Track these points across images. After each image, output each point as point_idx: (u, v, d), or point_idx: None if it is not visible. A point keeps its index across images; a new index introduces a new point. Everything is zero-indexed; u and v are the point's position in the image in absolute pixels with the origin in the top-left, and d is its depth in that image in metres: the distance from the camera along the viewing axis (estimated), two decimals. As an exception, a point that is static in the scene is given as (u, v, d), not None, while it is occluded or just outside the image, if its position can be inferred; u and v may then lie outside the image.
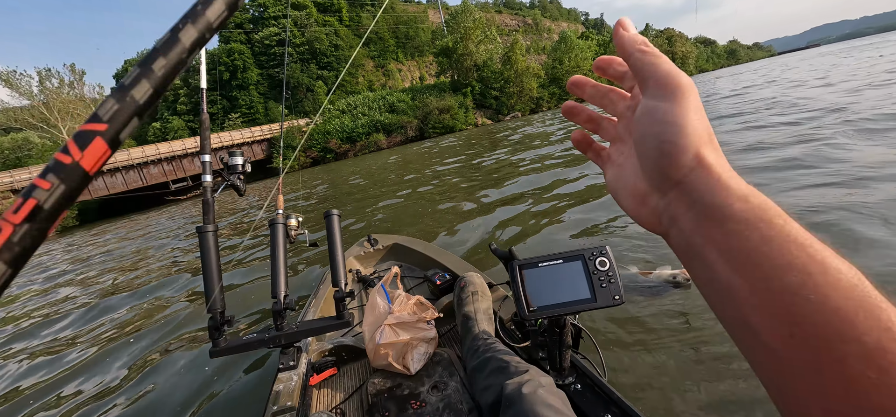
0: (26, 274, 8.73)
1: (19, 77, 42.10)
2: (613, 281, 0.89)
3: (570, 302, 0.89)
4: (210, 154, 1.28)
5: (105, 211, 32.98)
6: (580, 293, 0.89)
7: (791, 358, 0.20)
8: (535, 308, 0.89)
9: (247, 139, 34.10)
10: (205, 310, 1.21)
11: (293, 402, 1.17)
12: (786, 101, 8.13)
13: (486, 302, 1.28)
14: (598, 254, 0.91)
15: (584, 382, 1.05)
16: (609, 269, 0.89)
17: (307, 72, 45.43)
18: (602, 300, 0.88)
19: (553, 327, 1.00)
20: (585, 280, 0.89)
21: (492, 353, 1.05)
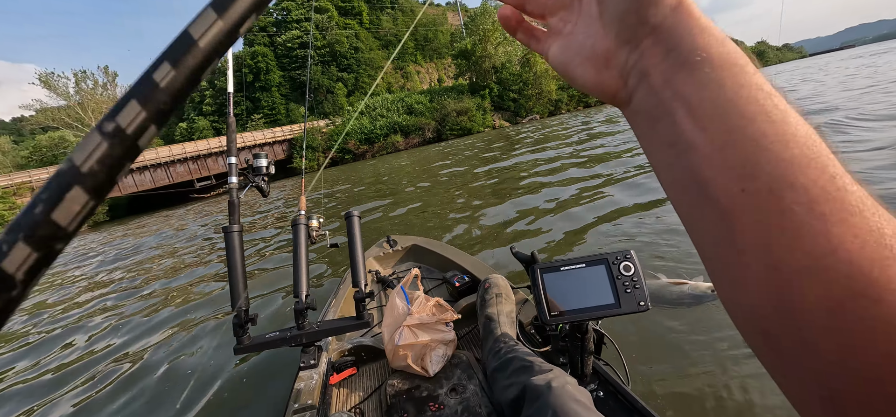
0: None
1: (57, 79, 44.37)
2: (638, 287, 0.86)
3: (593, 307, 0.87)
4: (236, 156, 1.31)
5: (134, 207, 34.39)
6: (603, 298, 0.87)
7: (739, 215, 0.19)
8: (556, 312, 0.88)
9: (268, 139, 34.93)
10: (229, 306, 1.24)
11: (314, 401, 1.19)
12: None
13: (510, 305, 1.27)
14: (623, 259, 0.89)
15: (607, 389, 1.03)
16: (634, 274, 0.87)
17: (327, 74, 46.22)
18: (626, 306, 0.86)
19: (575, 332, 0.99)
20: (609, 285, 0.88)
21: (515, 354, 1.04)
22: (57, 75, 45.27)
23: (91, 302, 4.92)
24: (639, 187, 4.42)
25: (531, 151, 10.29)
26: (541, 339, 1.27)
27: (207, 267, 5.39)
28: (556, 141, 11.68)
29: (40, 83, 43.38)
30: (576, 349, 1.01)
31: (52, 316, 4.62)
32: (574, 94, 43.98)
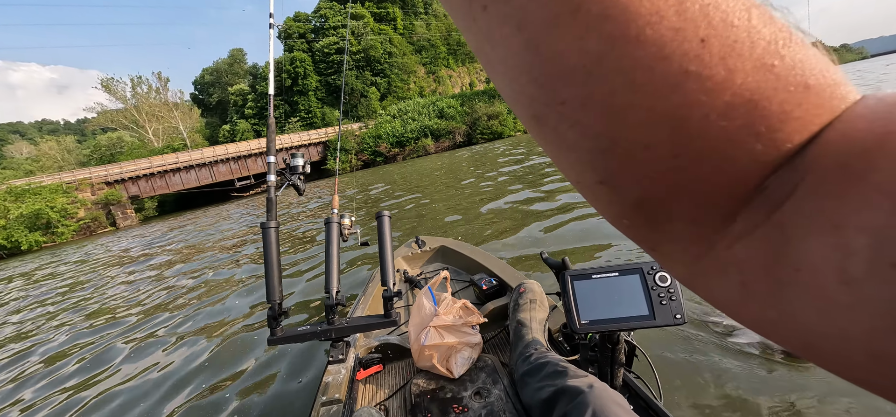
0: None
1: (116, 83, 48.22)
2: (675, 299, 0.83)
3: (625, 318, 0.84)
4: (275, 155, 1.37)
5: (180, 203, 36.70)
6: (637, 309, 0.84)
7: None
8: (586, 321, 0.86)
9: (304, 141, 36.27)
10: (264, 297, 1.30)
11: (341, 395, 1.22)
12: None
13: (543, 313, 1.24)
14: (659, 269, 0.85)
15: (638, 404, 0.99)
16: (670, 285, 0.84)
17: (361, 79, 47.45)
18: (661, 318, 0.82)
19: (605, 342, 0.96)
20: (643, 295, 0.84)
21: (548, 360, 1.02)
22: (116, 80, 49.31)
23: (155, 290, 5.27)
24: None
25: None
26: (569, 348, 1.24)
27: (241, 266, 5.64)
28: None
29: (102, 87, 47.32)
30: (606, 359, 0.98)
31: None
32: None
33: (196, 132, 49.63)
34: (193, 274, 5.60)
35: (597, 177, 0.17)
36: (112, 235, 20.92)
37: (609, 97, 0.14)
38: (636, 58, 0.13)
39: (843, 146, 0.13)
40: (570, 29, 0.14)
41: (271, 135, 1.41)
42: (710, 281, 0.17)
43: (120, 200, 28.04)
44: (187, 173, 31.37)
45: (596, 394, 0.77)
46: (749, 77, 0.13)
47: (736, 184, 0.15)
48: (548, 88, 0.15)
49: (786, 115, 0.14)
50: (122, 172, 28.90)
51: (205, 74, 56.42)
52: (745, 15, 0.14)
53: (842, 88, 0.15)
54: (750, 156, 0.14)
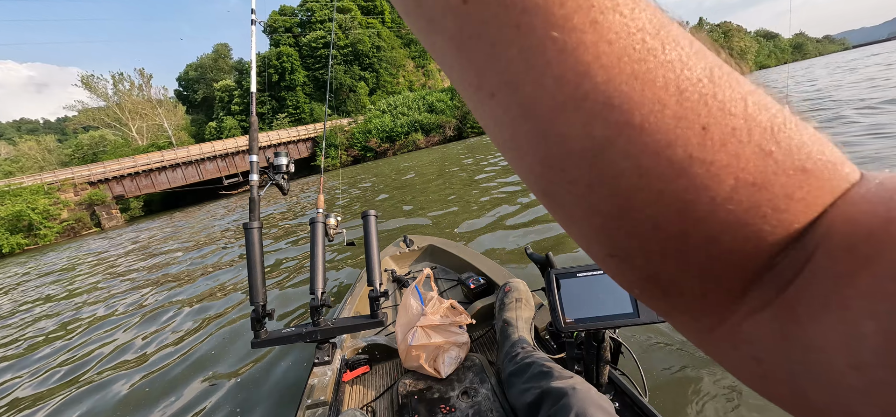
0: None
1: (97, 80, 46.91)
2: None
3: (610, 316, 0.84)
4: (257, 154, 1.34)
5: (167, 202, 36.04)
6: (621, 307, 0.84)
7: (468, 37, 0.15)
8: (571, 320, 0.85)
9: (293, 138, 35.82)
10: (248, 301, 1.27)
11: (326, 397, 1.20)
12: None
13: (529, 312, 1.24)
14: None
15: (623, 401, 0.99)
16: None
17: (350, 73, 46.93)
18: (645, 316, 0.82)
19: (591, 340, 0.96)
20: (628, 293, 0.84)
21: (534, 360, 1.02)
22: (97, 77, 48.00)
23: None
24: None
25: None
26: (556, 345, 1.24)
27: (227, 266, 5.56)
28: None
29: (82, 85, 46.02)
30: (591, 357, 0.98)
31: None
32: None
33: (181, 129, 48.58)
34: (176, 279, 5.51)
35: (607, 250, 0.17)
36: (97, 236, 20.47)
37: (617, 179, 0.14)
38: (642, 143, 0.14)
39: (848, 228, 0.14)
40: (576, 116, 0.14)
41: (253, 133, 1.37)
42: (723, 352, 0.17)
43: (104, 200, 27.42)
44: (173, 172, 30.78)
45: (579, 397, 0.76)
46: (750, 162, 0.14)
47: (745, 263, 0.15)
48: (556, 168, 0.16)
49: (789, 197, 0.14)
50: (105, 172, 28.24)
51: (189, 70, 55.24)
52: (742, 103, 0.14)
53: (841, 168, 0.15)
54: (757, 236, 0.14)
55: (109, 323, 3.93)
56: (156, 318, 3.69)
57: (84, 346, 3.38)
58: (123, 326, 3.69)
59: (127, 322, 3.82)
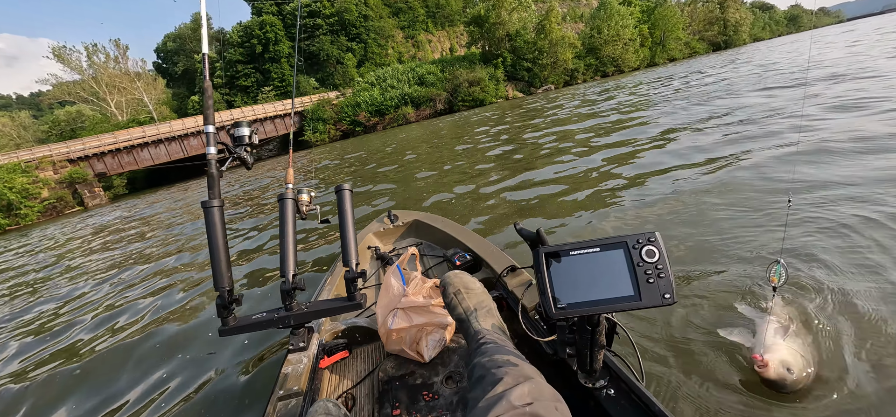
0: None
1: (69, 52, 44.60)
2: (663, 276, 0.73)
3: (608, 299, 0.74)
4: (213, 124, 1.19)
5: (152, 180, 35.13)
6: (621, 289, 0.74)
7: None
8: (563, 304, 0.75)
9: (279, 112, 34.78)
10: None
11: (301, 386, 1.11)
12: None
13: (476, 297, 1.10)
14: (645, 242, 0.75)
15: (619, 387, 0.92)
16: (658, 261, 0.74)
17: (337, 44, 45.36)
18: (648, 299, 0.73)
19: (584, 324, 0.87)
20: (628, 273, 0.74)
21: (477, 359, 0.89)
22: (69, 49, 45.57)
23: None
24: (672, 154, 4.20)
25: (549, 122, 9.96)
26: (546, 326, 1.16)
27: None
28: (576, 113, 11.28)
29: (54, 57, 43.75)
30: (585, 342, 0.89)
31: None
32: (591, 63, 42.31)
33: (163, 104, 46.69)
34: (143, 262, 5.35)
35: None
36: (80, 215, 19.94)
37: None
38: None
39: None
40: None
41: (208, 103, 1.22)
42: None
43: (86, 178, 26.55)
44: (156, 148, 29.82)
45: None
46: None
47: None
48: None
49: None
50: (85, 148, 27.21)
51: (167, 41, 52.75)
52: None
53: None
54: None
55: (72, 306, 3.80)
56: (115, 301, 3.56)
57: (41, 332, 3.26)
58: (86, 308, 3.56)
59: (90, 302, 3.69)
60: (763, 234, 2.22)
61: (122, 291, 3.96)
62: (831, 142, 3.53)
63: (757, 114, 5.45)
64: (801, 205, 2.44)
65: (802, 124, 4.44)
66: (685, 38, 52.12)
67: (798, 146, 3.68)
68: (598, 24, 42.82)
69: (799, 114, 4.98)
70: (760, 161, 3.45)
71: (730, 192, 2.89)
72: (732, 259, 2.04)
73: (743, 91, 8.05)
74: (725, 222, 2.46)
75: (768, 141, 4.03)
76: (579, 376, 0.96)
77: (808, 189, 2.67)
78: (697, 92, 9.50)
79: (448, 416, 1.02)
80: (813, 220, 2.26)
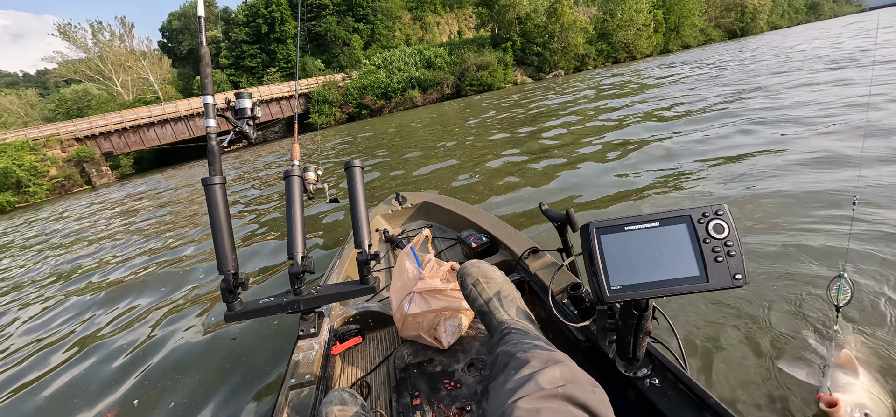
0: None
1: (75, 29, 44.39)
2: (733, 254, 0.63)
3: (669, 280, 0.64)
4: (212, 95, 1.10)
5: (159, 160, 35.28)
6: (684, 269, 0.64)
7: None
8: (618, 287, 0.65)
9: (285, 93, 34.56)
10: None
11: (313, 374, 1.03)
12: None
13: (495, 286, 1.02)
14: (712, 216, 0.64)
15: (664, 376, 0.82)
16: (728, 237, 0.63)
17: (343, 25, 44.71)
18: (716, 280, 0.62)
19: (630, 308, 0.76)
20: (693, 250, 0.64)
21: (502, 348, 0.82)
22: (75, 26, 45.32)
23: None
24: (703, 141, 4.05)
25: (560, 105, 9.75)
26: (577, 312, 1.06)
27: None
28: (583, 98, 11.04)
29: (60, 34, 43.61)
30: (629, 329, 0.79)
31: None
32: (602, 49, 41.38)
33: (168, 84, 46.55)
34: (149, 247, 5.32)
35: None
36: (89, 194, 20.09)
37: None
38: None
39: None
40: None
41: (206, 71, 1.12)
42: None
43: (93, 157, 26.69)
44: (162, 128, 29.84)
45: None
46: None
47: None
48: None
49: None
50: (92, 127, 27.28)
51: (172, 20, 52.37)
52: None
53: None
54: None
55: (76, 286, 3.77)
56: (119, 289, 3.50)
57: (48, 317, 3.24)
58: (91, 290, 3.53)
59: (97, 286, 3.66)
60: (822, 239, 1.85)
61: (128, 273, 3.93)
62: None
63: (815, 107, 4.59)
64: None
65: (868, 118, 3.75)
66: (701, 24, 50.70)
67: (862, 149, 3.02)
68: (611, 7, 41.71)
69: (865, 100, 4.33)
70: (823, 155, 2.93)
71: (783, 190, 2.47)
72: (783, 265, 1.73)
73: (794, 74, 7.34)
74: (778, 222, 2.12)
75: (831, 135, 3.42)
76: (618, 364, 0.87)
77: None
78: (746, 73, 8.95)
79: (472, 406, 0.94)
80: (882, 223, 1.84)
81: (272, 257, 3.32)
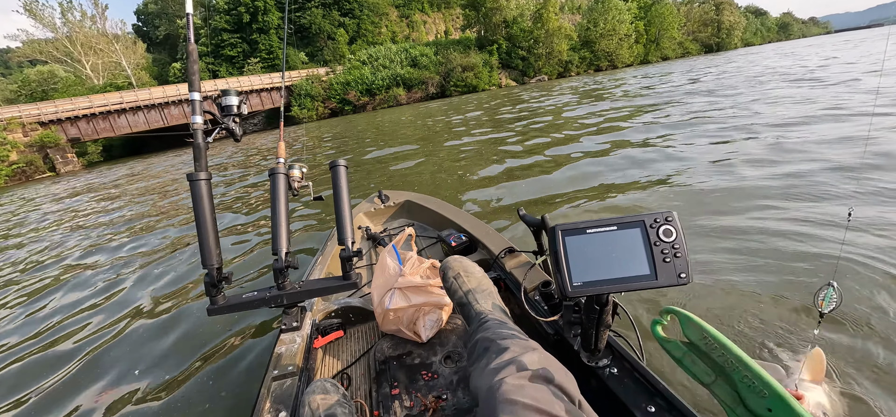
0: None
1: (42, 7, 42.05)
2: (679, 256, 0.72)
3: (624, 278, 0.72)
4: (199, 92, 1.11)
5: (129, 148, 33.86)
6: (637, 268, 0.72)
7: None
8: (579, 284, 0.73)
9: (266, 85, 33.83)
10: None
11: (295, 366, 1.07)
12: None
13: (475, 280, 1.09)
14: (663, 221, 0.73)
15: (622, 366, 0.91)
16: (675, 240, 0.72)
17: (328, 19, 44.08)
18: (664, 278, 0.71)
19: (592, 304, 0.85)
20: (645, 252, 0.72)
21: (481, 335, 0.88)
22: (42, 3, 42.89)
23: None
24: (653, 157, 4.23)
25: (537, 110, 9.94)
26: (547, 307, 1.14)
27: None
28: (572, 103, 11.28)
29: (25, 11, 41.23)
30: (591, 322, 0.88)
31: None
32: (585, 56, 42.31)
33: (142, 70, 44.60)
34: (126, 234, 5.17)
35: None
36: (51, 181, 19.13)
37: None
38: None
39: None
40: None
41: (193, 68, 1.13)
42: None
43: (58, 143, 25.37)
44: (134, 115, 28.67)
45: (492, 403, 0.65)
46: None
47: None
48: None
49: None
50: (57, 111, 25.93)
51: (148, 3, 50.33)
52: None
53: None
54: None
55: (49, 279, 3.65)
56: (97, 278, 3.42)
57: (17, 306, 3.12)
58: (68, 285, 3.42)
59: (73, 279, 3.55)
60: (815, 245, 1.94)
61: (109, 266, 3.82)
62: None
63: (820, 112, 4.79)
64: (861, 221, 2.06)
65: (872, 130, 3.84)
66: (679, 37, 52.56)
67: (864, 155, 3.15)
68: (595, 16, 42.74)
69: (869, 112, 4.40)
70: (821, 165, 3.04)
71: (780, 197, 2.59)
72: (771, 272, 1.82)
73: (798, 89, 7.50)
74: (771, 229, 2.22)
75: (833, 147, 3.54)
76: (582, 355, 0.95)
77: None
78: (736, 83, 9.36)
79: (448, 395, 1.00)
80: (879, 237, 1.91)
81: (255, 252, 3.30)
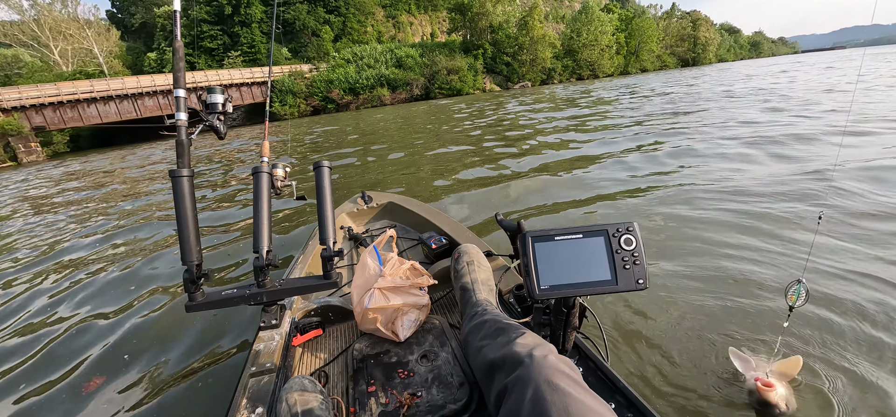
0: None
1: (8, -13, 39.84)
2: (638, 263, 0.79)
3: (587, 283, 0.79)
4: (184, 88, 1.12)
5: (98, 139, 32.41)
6: (599, 273, 0.79)
7: None
8: (546, 287, 0.79)
9: (247, 79, 33.05)
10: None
11: (273, 363, 1.09)
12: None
13: (485, 273, 1.18)
14: (624, 231, 0.80)
15: (587, 365, 0.98)
16: (634, 249, 0.79)
17: (313, 15, 43.50)
18: (623, 283, 0.78)
19: (560, 306, 0.91)
20: (607, 259, 0.79)
21: (490, 317, 0.97)
22: (7, -16, 40.59)
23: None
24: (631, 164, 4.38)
25: (527, 113, 10.09)
26: (520, 309, 1.20)
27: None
28: (552, 107, 11.48)
29: (-12, -9, 38.97)
30: (559, 323, 0.94)
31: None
32: (568, 65, 43.21)
33: (115, 58, 42.76)
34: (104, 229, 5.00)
35: None
36: (13, 171, 18.14)
37: None
38: None
39: None
40: None
41: (179, 64, 1.14)
42: None
43: (21, 131, 24.07)
44: (105, 105, 27.49)
45: (536, 368, 0.69)
46: None
47: None
48: None
49: None
50: (21, 98, 24.59)
51: (125, -12, 48.45)
52: None
53: None
54: None
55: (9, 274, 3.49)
56: (69, 276, 3.31)
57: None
58: (32, 281, 3.29)
59: (37, 272, 3.41)
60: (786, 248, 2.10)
61: (82, 263, 3.68)
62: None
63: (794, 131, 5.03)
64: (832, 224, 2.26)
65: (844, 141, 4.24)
66: (658, 50, 54.41)
67: (837, 159, 3.44)
68: (578, 26, 43.72)
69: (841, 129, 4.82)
70: (794, 170, 3.34)
71: (754, 203, 2.77)
72: (745, 272, 1.96)
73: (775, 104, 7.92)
74: (744, 234, 2.36)
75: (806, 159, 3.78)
76: None
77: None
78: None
79: (423, 392, 1.04)
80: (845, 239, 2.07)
81: (236, 250, 3.25)
